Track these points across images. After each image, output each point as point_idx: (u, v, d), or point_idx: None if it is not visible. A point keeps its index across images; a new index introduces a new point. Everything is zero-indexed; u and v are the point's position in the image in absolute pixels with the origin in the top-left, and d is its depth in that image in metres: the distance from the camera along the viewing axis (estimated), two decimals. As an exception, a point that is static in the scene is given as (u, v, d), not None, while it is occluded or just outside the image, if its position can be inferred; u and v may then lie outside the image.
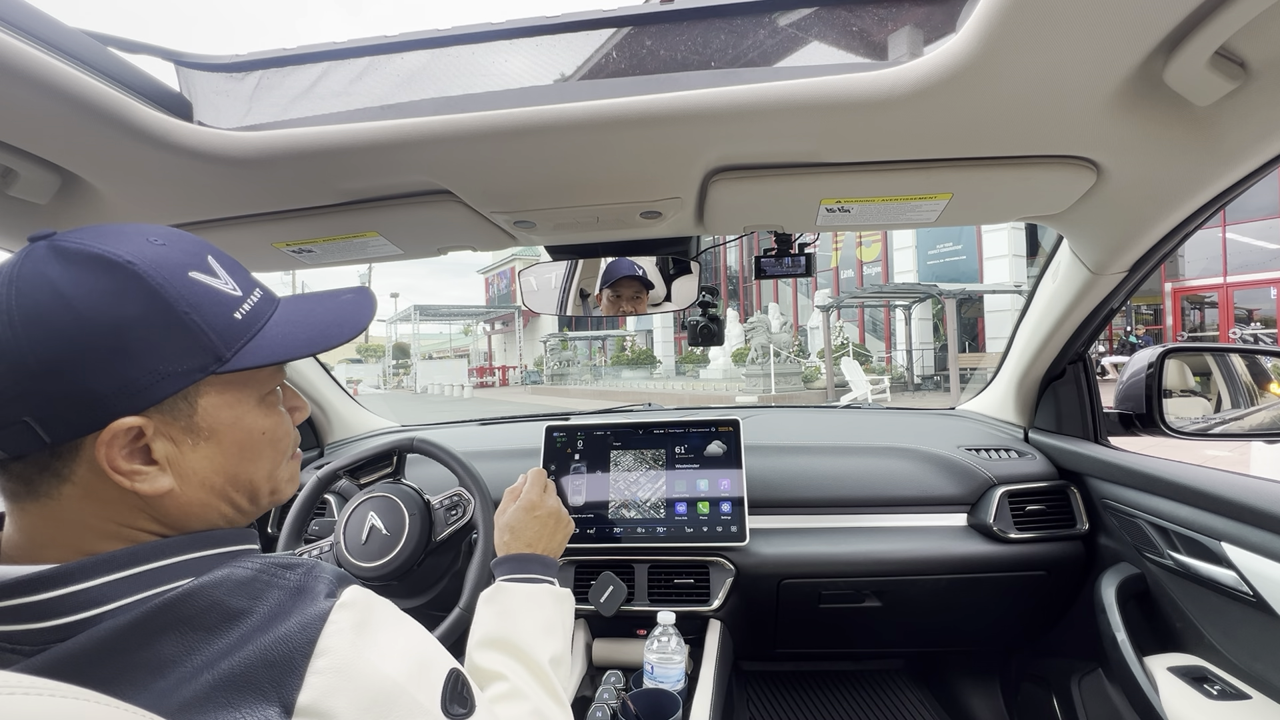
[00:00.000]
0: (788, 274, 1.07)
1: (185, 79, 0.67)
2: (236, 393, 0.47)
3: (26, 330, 0.38)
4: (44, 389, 0.38)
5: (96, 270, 0.40)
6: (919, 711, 1.62)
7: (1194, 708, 0.89)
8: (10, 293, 0.38)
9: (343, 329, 0.51)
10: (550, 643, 0.70)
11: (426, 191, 0.81)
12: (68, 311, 0.38)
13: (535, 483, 0.91)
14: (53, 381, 0.38)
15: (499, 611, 0.72)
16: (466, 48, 0.63)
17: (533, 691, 0.64)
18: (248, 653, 0.38)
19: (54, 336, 0.38)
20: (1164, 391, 1.12)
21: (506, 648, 0.68)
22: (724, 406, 2.70)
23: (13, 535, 0.42)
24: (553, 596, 0.76)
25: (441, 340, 41.13)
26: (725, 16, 0.61)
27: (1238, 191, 0.76)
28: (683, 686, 1.02)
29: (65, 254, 0.40)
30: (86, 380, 0.39)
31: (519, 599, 0.74)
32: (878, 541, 1.24)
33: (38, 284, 0.39)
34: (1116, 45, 0.52)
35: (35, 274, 0.39)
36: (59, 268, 0.39)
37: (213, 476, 0.46)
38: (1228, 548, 0.88)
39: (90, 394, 0.39)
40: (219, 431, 0.45)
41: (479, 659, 0.67)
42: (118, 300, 0.40)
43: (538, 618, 0.72)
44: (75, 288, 0.39)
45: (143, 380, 0.41)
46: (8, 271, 0.39)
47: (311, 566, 0.45)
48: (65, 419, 0.39)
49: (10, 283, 0.39)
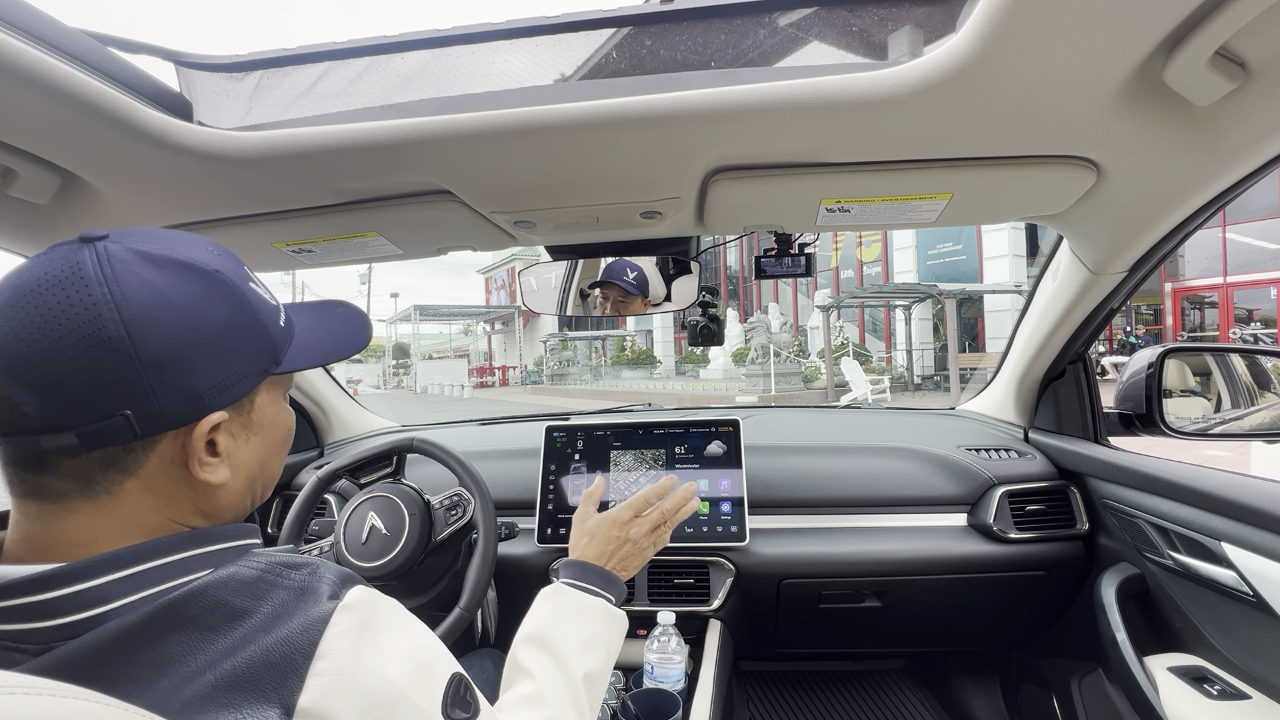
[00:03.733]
0: (788, 274, 1.07)
1: (185, 79, 0.67)
2: (277, 392, 0.52)
3: (137, 328, 0.40)
4: (151, 384, 0.40)
5: (190, 276, 0.43)
6: (919, 711, 1.62)
7: (1194, 708, 0.89)
8: (115, 292, 0.40)
9: (356, 340, 0.57)
10: (590, 657, 0.68)
11: (426, 191, 0.81)
12: (174, 313, 0.41)
13: (630, 505, 0.86)
14: (160, 377, 0.41)
15: (550, 611, 0.71)
16: (466, 48, 0.63)
17: (556, 700, 0.62)
18: (250, 653, 0.38)
19: (164, 335, 0.41)
20: (1164, 391, 1.12)
21: (546, 648, 0.67)
22: (724, 406, 2.70)
23: (37, 537, 0.41)
24: (604, 613, 0.74)
25: (441, 340, 41.14)
26: (725, 16, 0.61)
27: (1238, 191, 0.76)
28: (683, 686, 1.02)
29: (153, 259, 0.42)
30: (190, 377, 0.42)
31: (570, 605, 0.73)
32: (878, 541, 1.24)
33: (138, 284, 0.41)
34: (1116, 45, 0.52)
35: (132, 275, 0.41)
36: (153, 271, 0.42)
37: (253, 468, 0.49)
38: (1228, 548, 0.88)
39: (191, 390, 0.42)
40: (265, 427, 0.50)
41: (520, 652, 0.67)
42: (212, 304, 0.44)
43: (583, 629, 0.70)
44: (175, 291, 0.42)
45: (230, 378, 0.45)
46: (95, 270, 0.40)
47: (317, 566, 0.45)
48: (164, 413, 0.41)
49: (109, 282, 0.40)
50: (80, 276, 0.39)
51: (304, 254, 0.97)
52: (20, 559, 0.41)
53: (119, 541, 0.41)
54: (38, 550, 0.41)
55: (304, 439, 1.65)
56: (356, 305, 0.60)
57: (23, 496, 0.41)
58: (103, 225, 0.45)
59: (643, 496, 0.88)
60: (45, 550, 0.41)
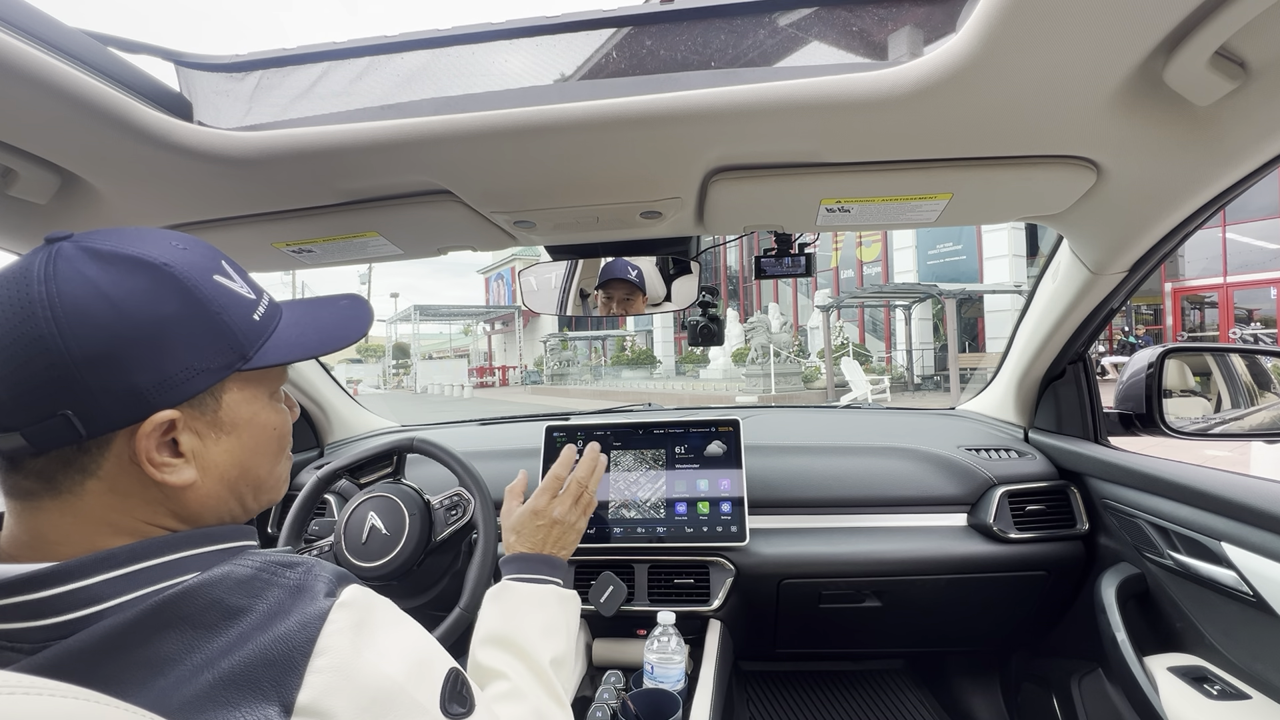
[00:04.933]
0: (788, 274, 1.07)
1: (185, 79, 0.67)
2: (253, 390, 0.49)
3: (70, 325, 0.39)
4: (86, 382, 0.39)
5: (134, 270, 0.42)
6: (919, 711, 1.62)
7: (1194, 708, 0.89)
8: (50, 289, 0.39)
9: (348, 332, 0.54)
10: (552, 643, 0.71)
11: (426, 191, 0.81)
12: (110, 308, 0.40)
13: (544, 489, 0.89)
14: (95, 374, 0.39)
15: (503, 610, 0.72)
16: (466, 48, 0.63)
17: (533, 691, 0.64)
18: (247, 651, 0.38)
19: (98, 331, 0.39)
20: (1164, 391, 1.12)
21: (509, 646, 0.68)
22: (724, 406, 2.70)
23: (19, 535, 0.42)
24: (557, 597, 0.76)
25: (441, 340, 41.12)
26: (725, 16, 0.61)
27: (1238, 191, 0.76)
28: (683, 686, 1.02)
29: (99, 255, 0.41)
30: (129, 374, 0.41)
31: (523, 598, 0.74)
32: (878, 541, 1.24)
33: (77, 281, 0.40)
34: (1116, 45, 0.52)
35: (73, 272, 0.40)
36: (95, 267, 0.41)
37: (230, 470, 0.48)
38: (1228, 548, 0.88)
39: (131, 387, 0.41)
40: (239, 426, 0.48)
41: (481, 656, 0.67)
42: (157, 299, 0.42)
43: (540, 618, 0.72)
44: (115, 287, 0.41)
45: (179, 375, 0.43)
46: (40, 269, 0.40)
47: (312, 565, 0.45)
48: (105, 411, 0.40)
49: (47, 280, 0.39)
50: (25, 276, 0.39)
51: (304, 254, 0.97)
52: (12, 557, 0.41)
53: (93, 541, 0.41)
54: (21, 548, 0.42)
55: (304, 439, 1.65)
56: (362, 298, 0.58)
57: (5, 495, 0.42)
58: (103, 225, 0.45)
59: (553, 475, 0.90)
60: (26, 547, 0.41)
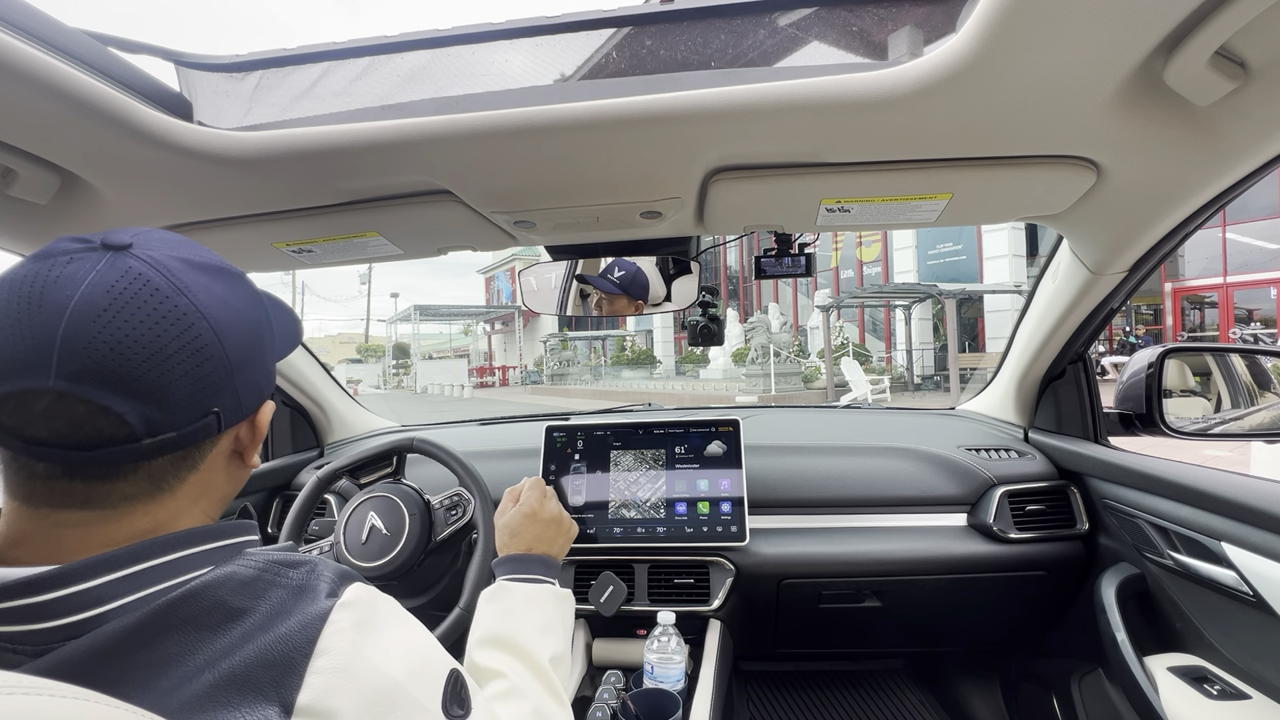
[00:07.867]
0: (788, 274, 1.06)
1: (185, 79, 0.67)
2: None
3: (221, 332, 0.43)
4: (235, 382, 0.44)
5: (234, 281, 0.46)
6: (919, 711, 1.62)
7: (1194, 708, 0.89)
8: (194, 301, 0.42)
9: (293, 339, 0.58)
10: (550, 642, 0.71)
11: (426, 191, 0.81)
12: (238, 315, 0.45)
13: (534, 489, 0.91)
14: (242, 375, 0.45)
15: (499, 610, 0.72)
16: (466, 48, 0.63)
17: (532, 690, 0.64)
18: (248, 652, 0.38)
19: (242, 336, 0.45)
20: (1164, 391, 1.12)
21: (506, 646, 0.68)
22: (724, 406, 2.71)
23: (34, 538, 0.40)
24: (553, 596, 0.77)
25: (441, 340, 41.11)
26: (725, 16, 0.61)
27: (1238, 191, 0.76)
28: (683, 686, 1.02)
29: (199, 266, 0.44)
30: (257, 374, 0.47)
31: (519, 598, 0.74)
32: (878, 541, 1.24)
33: (206, 293, 0.43)
34: (1116, 45, 0.52)
35: (197, 284, 0.43)
36: (206, 278, 0.44)
37: (254, 459, 0.52)
38: (1228, 548, 0.88)
39: (258, 384, 0.48)
40: (260, 418, 0.51)
41: (479, 657, 0.67)
42: (254, 306, 0.48)
43: (537, 617, 0.73)
44: (232, 296, 0.45)
45: (271, 372, 0.50)
46: (161, 282, 0.40)
47: (315, 564, 0.45)
48: (242, 406, 0.46)
49: (184, 291, 0.41)
50: (153, 288, 0.40)
51: (304, 254, 0.97)
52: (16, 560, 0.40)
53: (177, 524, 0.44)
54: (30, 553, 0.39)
55: (304, 439, 1.65)
56: None
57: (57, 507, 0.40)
58: (102, 225, 0.45)
59: (531, 483, 0.93)
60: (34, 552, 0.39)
